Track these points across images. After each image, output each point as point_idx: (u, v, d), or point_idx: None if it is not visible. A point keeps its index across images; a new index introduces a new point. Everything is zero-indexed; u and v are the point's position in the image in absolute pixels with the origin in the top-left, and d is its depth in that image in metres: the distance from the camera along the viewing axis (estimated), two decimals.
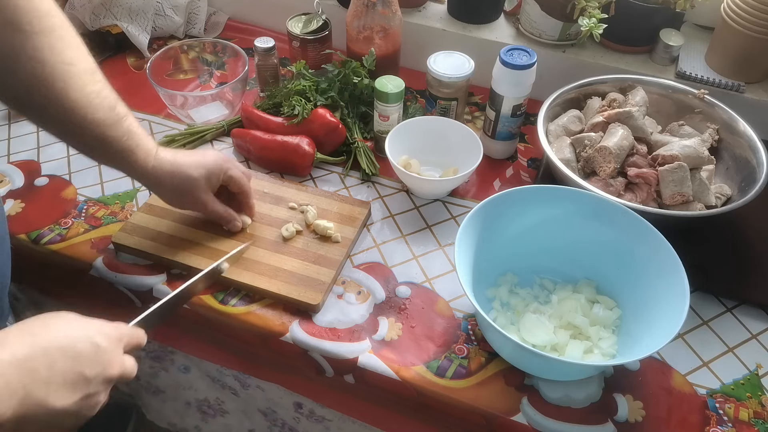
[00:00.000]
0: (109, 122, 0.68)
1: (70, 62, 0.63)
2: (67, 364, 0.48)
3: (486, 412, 0.70)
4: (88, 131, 0.66)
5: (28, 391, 0.45)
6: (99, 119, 0.66)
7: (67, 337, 0.50)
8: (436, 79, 0.96)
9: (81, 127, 0.66)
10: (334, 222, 0.86)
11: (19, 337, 0.47)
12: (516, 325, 0.76)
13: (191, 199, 0.79)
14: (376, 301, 0.80)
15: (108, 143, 0.69)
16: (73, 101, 0.64)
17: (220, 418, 1.09)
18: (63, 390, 0.48)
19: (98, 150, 0.70)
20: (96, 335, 0.52)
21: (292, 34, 1.07)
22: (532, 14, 1.07)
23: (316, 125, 0.97)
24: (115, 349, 0.54)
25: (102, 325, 0.54)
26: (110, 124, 0.68)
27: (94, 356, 0.51)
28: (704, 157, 0.84)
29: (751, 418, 0.70)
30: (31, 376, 0.46)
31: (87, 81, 0.65)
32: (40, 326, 0.50)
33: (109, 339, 0.53)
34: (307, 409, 0.92)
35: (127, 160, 0.72)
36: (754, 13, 0.93)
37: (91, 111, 0.65)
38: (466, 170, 0.88)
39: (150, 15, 1.21)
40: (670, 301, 0.67)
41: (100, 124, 0.67)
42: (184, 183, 0.77)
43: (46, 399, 0.47)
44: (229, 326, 0.79)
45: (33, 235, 0.87)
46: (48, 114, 0.64)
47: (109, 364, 0.52)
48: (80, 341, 0.50)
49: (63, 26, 0.63)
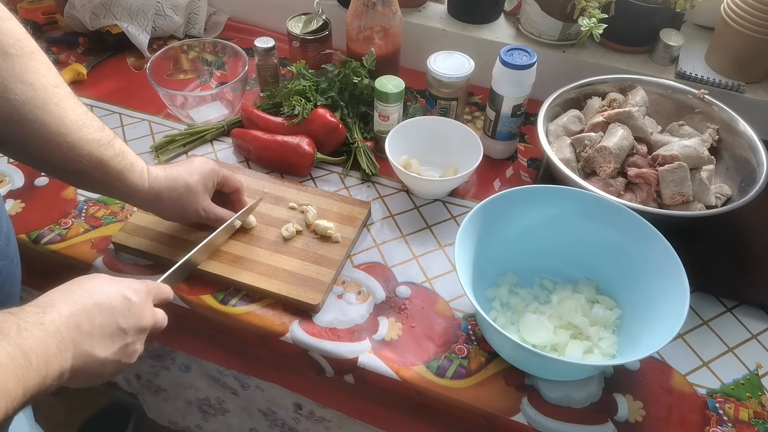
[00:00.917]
0: (103, 142, 0.67)
1: (55, 84, 0.63)
2: (105, 317, 0.53)
3: (486, 412, 0.70)
4: (85, 152, 0.65)
5: (77, 344, 0.50)
6: (94, 140, 0.66)
7: (102, 294, 0.55)
8: (436, 79, 0.96)
9: (77, 150, 0.64)
10: (334, 222, 0.86)
11: (61, 299, 0.52)
12: (516, 325, 0.76)
13: (192, 208, 0.78)
14: (376, 301, 0.80)
15: (104, 165, 0.67)
16: (69, 123, 0.63)
17: (220, 417, 1.09)
18: (104, 341, 0.53)
19: (95, 174, 0.68)
20: (127, 290, 0.57)
21: (292, 34, 1.07)
22: (532, 14, 1.07)
23: (316, 125, 0.97)
24: (146, 302, 0.59)
25: (131, 282, 0.59)
26: (104, 144, 0.67)
27: (128, 309, 0.56)
28: (704, 157, 0.84)
29: (751, 418, 0.70)
30: (77, 330, 0.51)
31: (75, 102, 0.65)
32: (77, 287, 0.54)
33: (139, 293, 0.58)
34: (307, 409, 0.92)
35: (124, 181, 0.70)
36: (754, 13, 0.93)
37: (86, 132, 0.65)
38: (466, 170, 0.89)
39: (150, 15, 1.21)
40: (670, 301, 0.67)
41: (95, 145, 0.66)
42: (183, 193, 0.76)
43: (92, 350, 0.52)
44: (229, 326, 0.79)
45: (33, 235, 0.87)
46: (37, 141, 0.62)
47: (141, 315, 0.57)
48: (114, 297, 0.55)
49: (38, 50, 0.62)
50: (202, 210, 0.79)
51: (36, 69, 0.60)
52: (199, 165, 0.78)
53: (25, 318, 0.47)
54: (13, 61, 0.58)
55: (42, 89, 0.61)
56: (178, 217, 0.80)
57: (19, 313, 0.48)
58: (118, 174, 0.69)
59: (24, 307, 0.49)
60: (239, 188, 0.84)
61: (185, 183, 0.76)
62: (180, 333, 0.89)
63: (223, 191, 0.83)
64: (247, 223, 0.85)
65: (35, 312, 0.49)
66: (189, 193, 0.76)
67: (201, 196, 0.78)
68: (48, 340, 0.47)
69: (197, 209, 0.78)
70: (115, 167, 0.69)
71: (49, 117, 0.61)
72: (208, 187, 0.79)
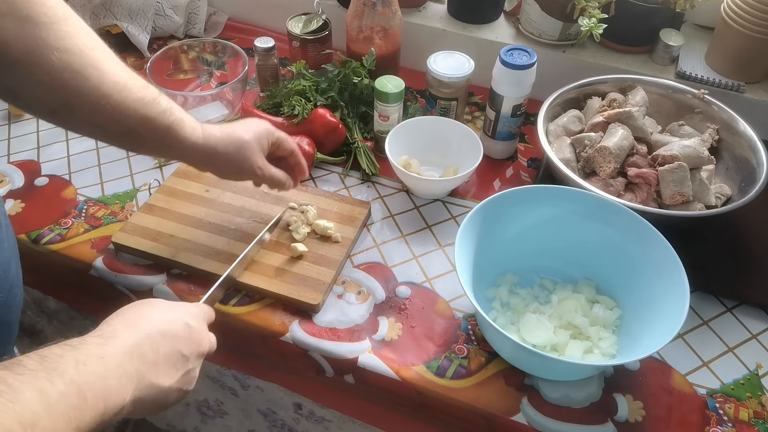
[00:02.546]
0: (148, 100, 0.65)
1: (92, 47, 0.61)
2: (168, 345, 0.53)
3: (486, 412, 0.70)
4: (130, 113, 0.63)
5: (141, 375, 0.49)
6: (138, 98, 0.64)
7: (164, 321, 0.54)
8: (436, 79, 0.96)
9: (121, 111, 0.62)
10: (334, 222, 0.86)
11: (124, 328, 0.51)
12: (516, 325, 0.76)
13: (248, 164, 0.76)
14: (376, 301, 0.80)
15: (152, 122, 0.65)
16: (110, 85, 0.61)
17: (219, 420, 1.08)
18: (168, 369, 0.52)
19: (142, 132, 0.65)
20: (186, 317, 0.57)
21: (292, 34, 1.07)
22: (532, 14, 1.07)
23: (316, 125, 0.97)
24: (203, 326, 0.59)
25: (189, 307, 0.59)
26: (149, 102, 0.65)
27: (189, 336, 0.56)
28: (704, 157, 0.84)
29: (751, 418, 0.70)
30: (142, 361, 0.50)
31: (115, 63, 0.63)
32: (136, 316, 0.54)
33: (197, 319, 0.58)
34: (307, 409, 0.92)
35: (176, 136, 0.68)
36: (754, 13, 0.93)
37: (129, 92, 0.63)
38: (466, 170, 0.89)
39: (150, 15, 1.22)
40: (670, 301, 0.67)
41: (140, 104, 0.64)
42: (239, 148, 0.74)
43: (156, 380, 0.51)
44: (229, 326, 0.79)
45: (33, 235, 0.87)
46: (83, 106, 0.61)
47: (201, 341, 0.57)
48: (175, 323, 0.55)
49: (73, 15, 0.61)
50: (258, 168, 0.77)
51: (71, 34, 0.59)
52: (254, 124, 0.78)
53: (85, 351, 0.46)
54: (47, 29, 0.57)
55: (78, 54, 0.59)
56: (235, 173, 0.77)
57: (80, 346, 0.46)
58: (167, 129, 0.67)
59: (85, 338, 0.48)
60: (295, 150, 0.82)
61: (241, 138, 0.75)
62: None
63: (278, 154, 0.81)
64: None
65: (97, 344, 0.48)
66: (245, 149, 0.75)
67: (257, 153, 0.76)
68: (108, 375, 0.46)
69: (253, 166, 0.76)
70: (164, 122, 0.67)
71: (90, 81, 0.60)
72: (263, 145, 0.77)
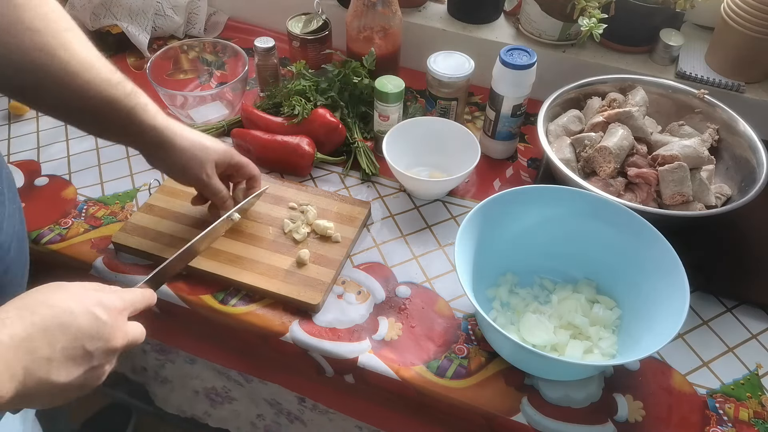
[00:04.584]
0: (114, 82, 0.66)
1: (66, 28, 0.62)
2: (69, 340, 0.48)
3: (486, 412, 0.70)
4: (94, 92, 0.64)
5: (30, 371, 0.45)
6: (105, 80, 0.65)
7: (67, 312, 0.49)
8: (436, 79, 0.96)
9: (86, 90, 0.64)
10: (334, 222, 0.86)
11: (18, 316, 0.47)
12: (516, 325, 0.76)
13: (199, 166, 0.76)
14: (376, 301, 0.80)
15: (116, 103, 0.66)
16: (78, 63, 0.62)
17: (228, 405, 1.09)
18: (65, 366, 0.48)
19: (106, 112, 0.66)
20: (96, 308, 0.51)
21: (292, 34, 1.07)
22: (532, 14, 1.07)
23: (316, 125, 0.97)
24: (117, 319, 0.53)
25: (103, 296, 0.53)
26: (114, 84, 0.66)
27: (96, 330, 0.50)
28: (704, 157, 0.84)
29: (751, 418, 0.70)
30: (32, 356, 0.46)
31: (85, 44, 0.64)
32: (39, 302, 0.49)
33: (110, 311, 0.52)
34: (311, 402, 0.92)
35: (135, 119, 0.68)
36: (754, 13, 0.93)
37: (96, 72, 0.64)
38: (463, 171, 0.88)
39: (150, 15, 1.21)
40: (670, 301, 0.67)
41: (105, 85, 0.65)
42: (196, 146, 0.75)
43: (48, 376, 0.47)
44: (230, 326, 0.79)
45: (33, 235, 0.87)
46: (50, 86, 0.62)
47: (111, 336, 0.51)
48: (81, 316, 0.49)
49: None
50: (206, 174, 0.77)
51: (45, 14, 0.60)
52: (219, 143, 0.79)
53: None
54: (22, 9, 0.58)
55: (52, 35, 0.60)
56: (182, 171, 0.77)
57: None
58: (129, 112, 0.68)
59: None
60: (255, 175, 0.84)
61: (203, 143, 0.76)
62: (180, 333, 0.89)
63: (235, 177, 0.83)
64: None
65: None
66: (201, 151, 0.76)
67: (210, 163, 0.77)
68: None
69: (202, 171, 0.77)
70: (126, 105, 0.67)
71: (59, 61, 0.61)
72: (220, 160, 0.78)
